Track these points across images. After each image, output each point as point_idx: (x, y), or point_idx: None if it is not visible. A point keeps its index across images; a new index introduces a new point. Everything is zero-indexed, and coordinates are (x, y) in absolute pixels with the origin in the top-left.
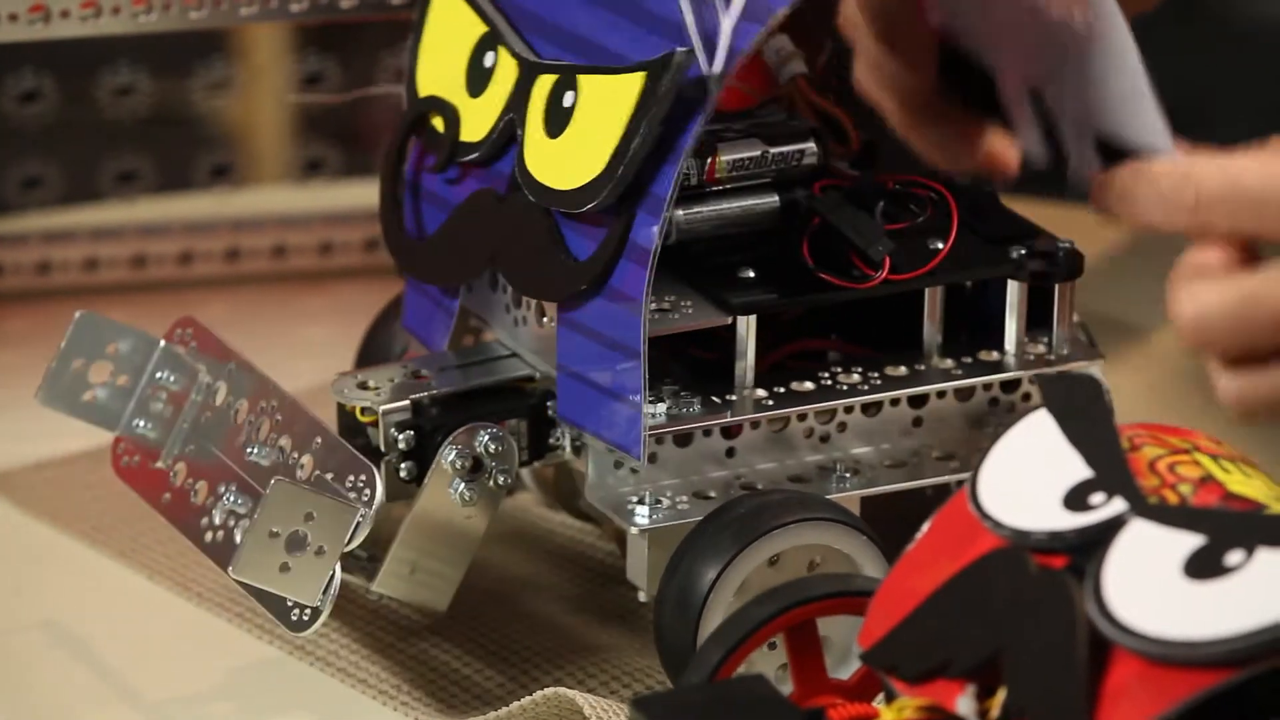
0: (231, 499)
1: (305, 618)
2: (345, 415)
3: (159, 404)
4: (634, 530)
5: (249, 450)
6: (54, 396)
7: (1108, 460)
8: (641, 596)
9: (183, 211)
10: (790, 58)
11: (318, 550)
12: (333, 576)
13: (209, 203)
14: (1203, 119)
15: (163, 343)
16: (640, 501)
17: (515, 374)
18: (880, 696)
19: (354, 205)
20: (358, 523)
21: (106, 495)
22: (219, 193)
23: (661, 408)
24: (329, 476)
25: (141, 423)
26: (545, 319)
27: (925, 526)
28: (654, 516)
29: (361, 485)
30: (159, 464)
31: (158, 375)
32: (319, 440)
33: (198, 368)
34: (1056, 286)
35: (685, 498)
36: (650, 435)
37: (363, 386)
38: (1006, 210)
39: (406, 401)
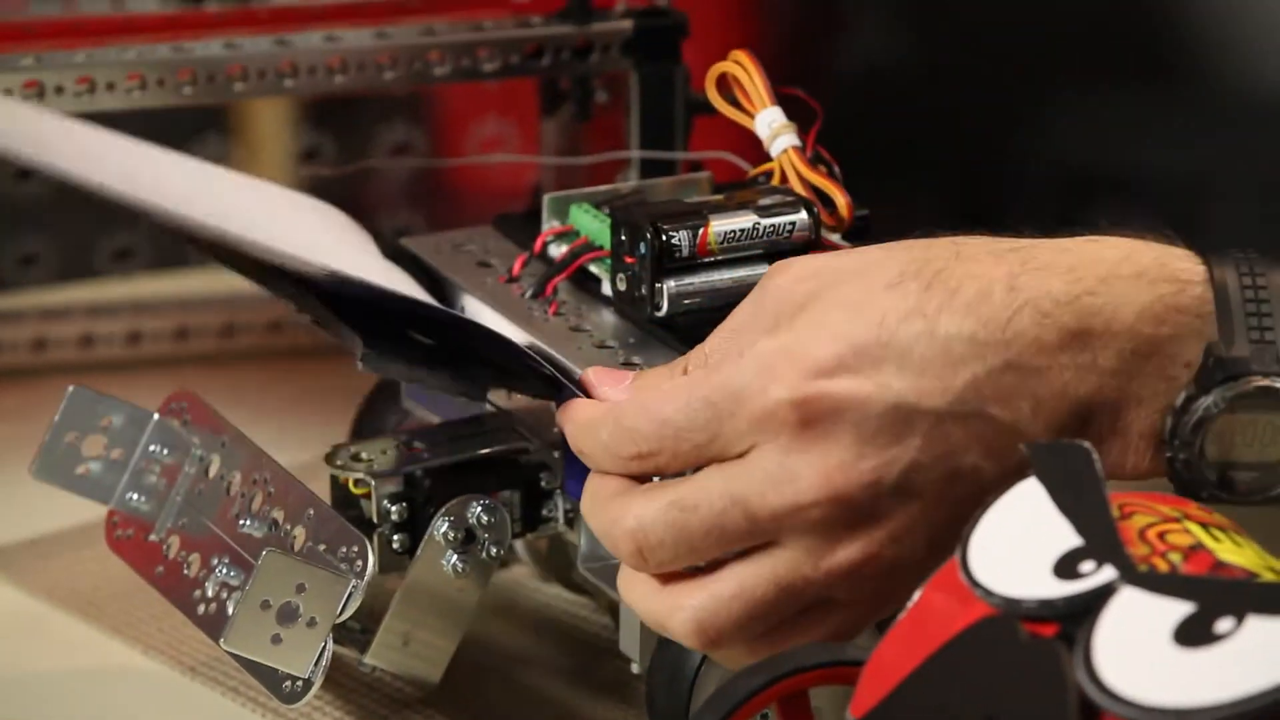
0: (224, 571)
1: (297, 689)
2: (338, 487)
3: (152, 477)
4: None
5: (242, 522)
6: (48, 470)
7: (1098, 528)
8: (634, 668)
9: (178, 288)
10: (782, 130)
11: (310, 621)
12: (324, 648)
13: (204, 279)
14: (1203, 197)
15: (156, 416)
16: None
17: (509, 446)
18: None
19: None
20: (350, 593)
21: (100, 569)
22: (214, 269)
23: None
24: (321, 548)
25: (135, 496)
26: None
27: (916, 595)
28: None
29: (353, 556)
30: (153, 537)
31: (151, 448)
32: (311, 512)
33: (191, 441)
34: None
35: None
36: None
37: (356, 458)
38: None
39: (399, 474)
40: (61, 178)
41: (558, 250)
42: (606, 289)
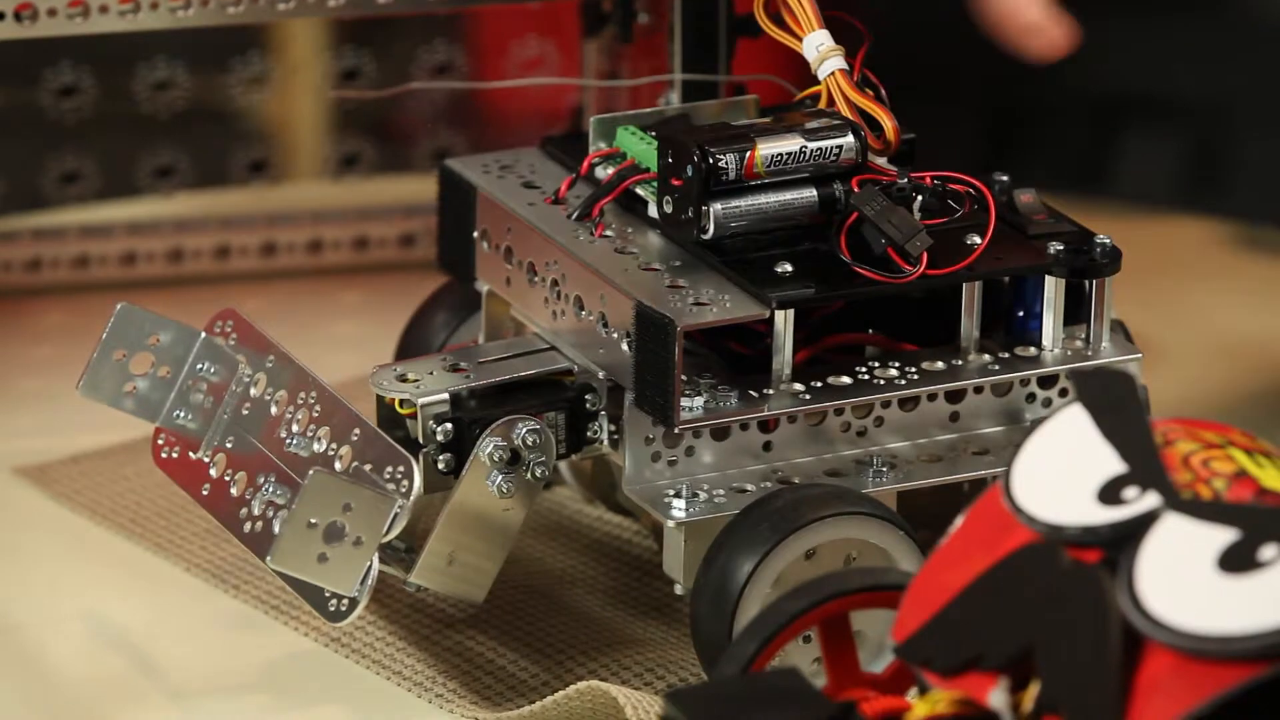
0: (270, 490)
1: (343, 608)
2: (384, 407)
3: (199, 395)
4: (671, 523)
5: (288, 442)
6: (95, 388)
7: (1141, 455)
8: (678, 589)
9: (219, 206)
10: (829, 54)
11: (355, 541)
12: (370, 567)
13: (245, 197)
14: (1230, 120)
15: (203, 334)
16: (677, 494)
17: (554, 367)
18: (913, 690)
19: (389, 200)
20: (395, 513)
21: (144, 487)
22: (255, 188)
23: (699, 401)
24: (367, 468)
25: (182, 414)
26: (584, 313)
27: (959, 520)
28: (691, 509)
29: (399, 476)
30: (199, 455)
31: (198, 367)
32: (357, 432)
33: (238, 359)
34: (1094, 282)
35: (722, 491)
36: (687, 428)
37: (402, 379)
38: (1046, 206)
39: (445, 394)
40: None
41: (604, 173)
42: (653, 211)
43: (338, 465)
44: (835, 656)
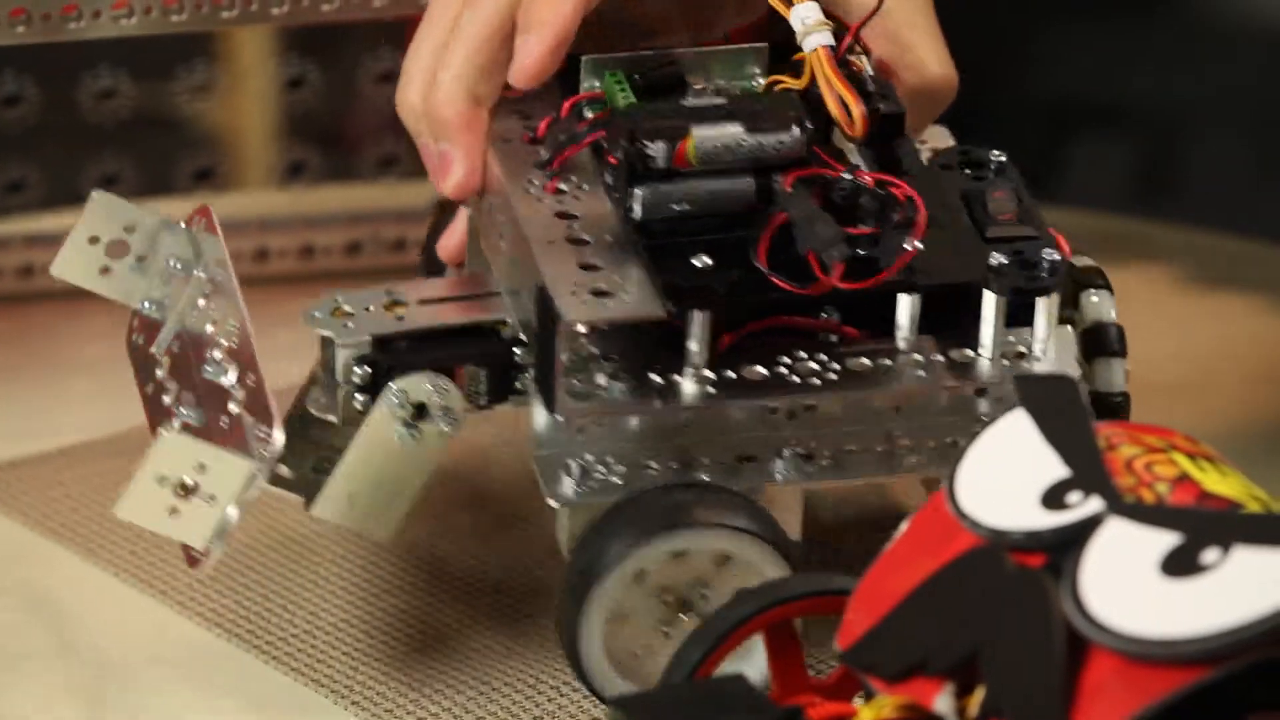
0: (187, 411)
1: (197, 556)
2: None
3: (166, 289)
4: (553, 503)
5: (207, 367)
6: (69, 268)
7: (1085, 459)
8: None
9: (165, 214)
10: (815, 28)
11: (209, 498)
12: (225, 520)
13: (191, 206)
14: (1190, 125)
15: (181, 225)
16: (568, 473)
17: (487, 317)
18: (859, 695)
19: (336, 209)
20: (254, 475)
21: (75, 493)
22: (201, 196)
23: (588, 389)
24: (250, 418)
25: (149, 305)
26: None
27: (903, 525)
28: (578, 491)
29: (262, 436)
30: (154, 349)
31: (169, 262)
32: (251, 378)
33: (201, 261)
34: (1036, 299)
35: (622, 471)
36: (573, 417)
37: (335, 313)
38: (1020, 205)
39: (366, 337)
40: None
41: (588, 116)
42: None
43: (232, 406)
44: (781, 662)
